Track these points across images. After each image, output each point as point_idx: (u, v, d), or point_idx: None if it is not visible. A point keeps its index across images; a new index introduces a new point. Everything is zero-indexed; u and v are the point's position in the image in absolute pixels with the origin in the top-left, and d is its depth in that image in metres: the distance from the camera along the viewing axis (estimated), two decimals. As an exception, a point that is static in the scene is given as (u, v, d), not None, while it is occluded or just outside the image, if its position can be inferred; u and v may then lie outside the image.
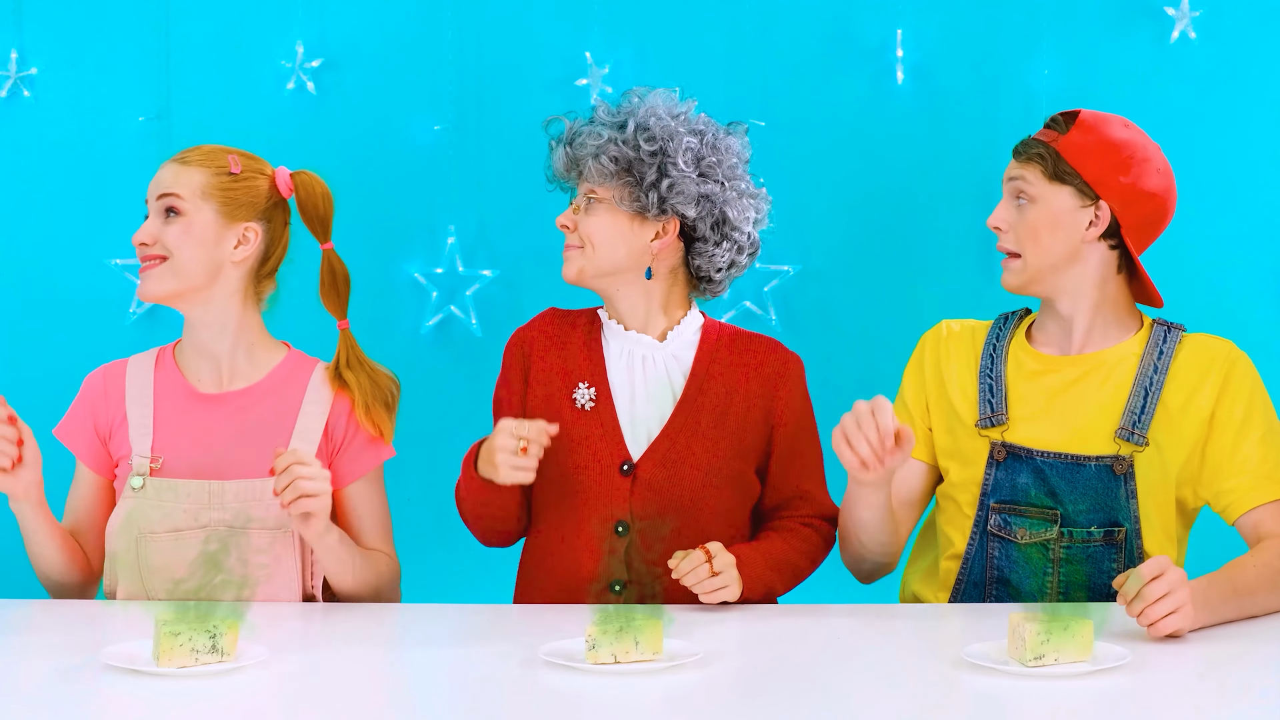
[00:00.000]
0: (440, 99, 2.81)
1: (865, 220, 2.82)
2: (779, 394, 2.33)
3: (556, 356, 2.34)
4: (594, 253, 2.30)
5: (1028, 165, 2.30)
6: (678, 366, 2.33)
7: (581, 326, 2.37)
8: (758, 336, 2.38)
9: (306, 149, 2.63)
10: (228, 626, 1.89)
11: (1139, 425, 2.25)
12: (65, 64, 2.82)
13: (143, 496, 2.24)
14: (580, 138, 2.29)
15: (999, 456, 2.28)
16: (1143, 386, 2.27)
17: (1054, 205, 2.28)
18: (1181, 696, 1.86)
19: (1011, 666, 1.89)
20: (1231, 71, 2.79)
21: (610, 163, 2.27)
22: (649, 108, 2.30)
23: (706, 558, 2.17)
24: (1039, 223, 2.29)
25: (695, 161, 2.29)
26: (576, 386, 2.30)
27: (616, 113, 2.31)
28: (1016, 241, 2.30)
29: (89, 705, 1.81)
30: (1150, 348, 2.30)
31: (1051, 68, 2.78)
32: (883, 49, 2.80)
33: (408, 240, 2.83)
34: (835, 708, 1.82)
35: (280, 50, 2.81)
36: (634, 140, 2.27)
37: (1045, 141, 2.30)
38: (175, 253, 2.26)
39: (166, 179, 2.28)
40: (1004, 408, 2.29)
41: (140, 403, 2.29)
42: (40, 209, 2.84)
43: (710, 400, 2.32)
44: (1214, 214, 2.81)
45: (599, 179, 2.28)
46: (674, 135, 2.28)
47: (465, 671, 1.96)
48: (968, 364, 2.35)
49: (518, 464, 2.16)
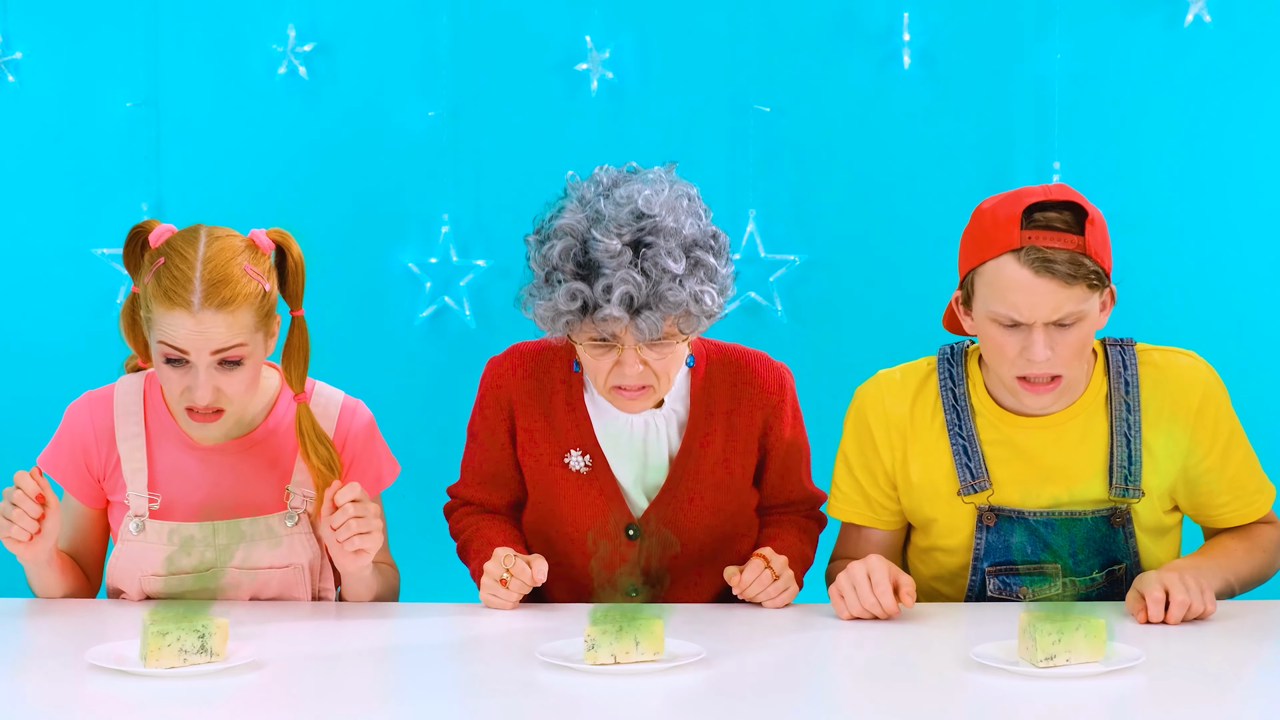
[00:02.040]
0: (435, 84, 2.80)
1: (872, 208, 2.81)
2: (775, 415, 2.29)
3: (539, 417, 2.27)
4: (670, 383, 2.21)
5: (1078, 288, 2.06)
6: (675, 419, 2.29)
7: (559, 379, 2.28)
8: (747, 355, 2.31)
9: (297, 136, 2.62)
10: (217, 627, 1.87)
11: (1131, 478, 2.19)
12: (51, 48, 2.81)
13: (143, 539, 2.21)
14: (663, 300, 2.10)
15: (988, 521, 2.22)
16: (1123, 435, 2.19)
17: (1094, 314, 2.11)
18: (1196, 697, 1.84)
19: (1022, 667, 1.87)
20: (1246, 55, 2.78)
21: (709, 305, 2.14)
22: (690, 221, 2.13)
23: (765, 564, 2.18)
24: (1086, 338, 2.10)
25: (722, 253, 2.19)
26: (568, 453, 2.25)
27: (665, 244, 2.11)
28: (1060, 365, 2.10)
29: (74, 708, 1.78)
30: (1114, 380, 2.20)
31: (1063, 51, 2.76)
32: (889, 33, 2.78)
33: (401, 229, 2.82)
34: (839, 709, 1.81)
35: (271, 34, 2.80)
36: (716, 269, 2.15)
37: (1074, 250, 2.07)
38: (235, 399, 2.14)
39: (220, 335, 2.07)
40: (984, 473, 2.20)
41: (130, 439, 2.22)
42: (25, 197, 2.83)
43: (711, 443, 2.27)
44: (1227, 198, 2.81)
45: (700, 326, 2.16)
46: (708, 247, 2.16)
47: (463, 673, 1.95)
48: (931, 427, 2.22)
49: (496, 592, 2.18)
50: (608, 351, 2.14)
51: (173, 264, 2.10)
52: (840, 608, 2.12)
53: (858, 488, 2.28)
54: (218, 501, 2.21)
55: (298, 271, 2.19)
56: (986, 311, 2.11)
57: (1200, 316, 2.58)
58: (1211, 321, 2.79)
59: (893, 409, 2.23)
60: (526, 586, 2.18)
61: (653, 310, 2.09)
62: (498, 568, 2.17)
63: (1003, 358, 2.11)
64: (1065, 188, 2.14)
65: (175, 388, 2.11)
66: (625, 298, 2.08)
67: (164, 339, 2.09)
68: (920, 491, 2.23)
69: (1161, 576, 2.08)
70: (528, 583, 2.17)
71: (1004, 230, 2.08)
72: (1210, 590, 2.10)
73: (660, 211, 2.10)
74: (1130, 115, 2.78)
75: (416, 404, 2.78)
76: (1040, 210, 2.09)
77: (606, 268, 2.08)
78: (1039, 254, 2.05)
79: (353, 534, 2.12)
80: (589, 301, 2.09)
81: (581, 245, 2.10)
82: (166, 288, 2.08)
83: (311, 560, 2.24)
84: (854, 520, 2.30)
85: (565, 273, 2.11)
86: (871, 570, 2.09)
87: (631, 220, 2.10)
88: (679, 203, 2.13)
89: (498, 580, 2.17)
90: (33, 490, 2.10)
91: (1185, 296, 2.80)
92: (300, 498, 2.23)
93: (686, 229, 2.12)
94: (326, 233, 2.44)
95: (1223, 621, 2.11)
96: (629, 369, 2.14)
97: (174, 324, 2.07)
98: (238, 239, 2.13)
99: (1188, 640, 2.02)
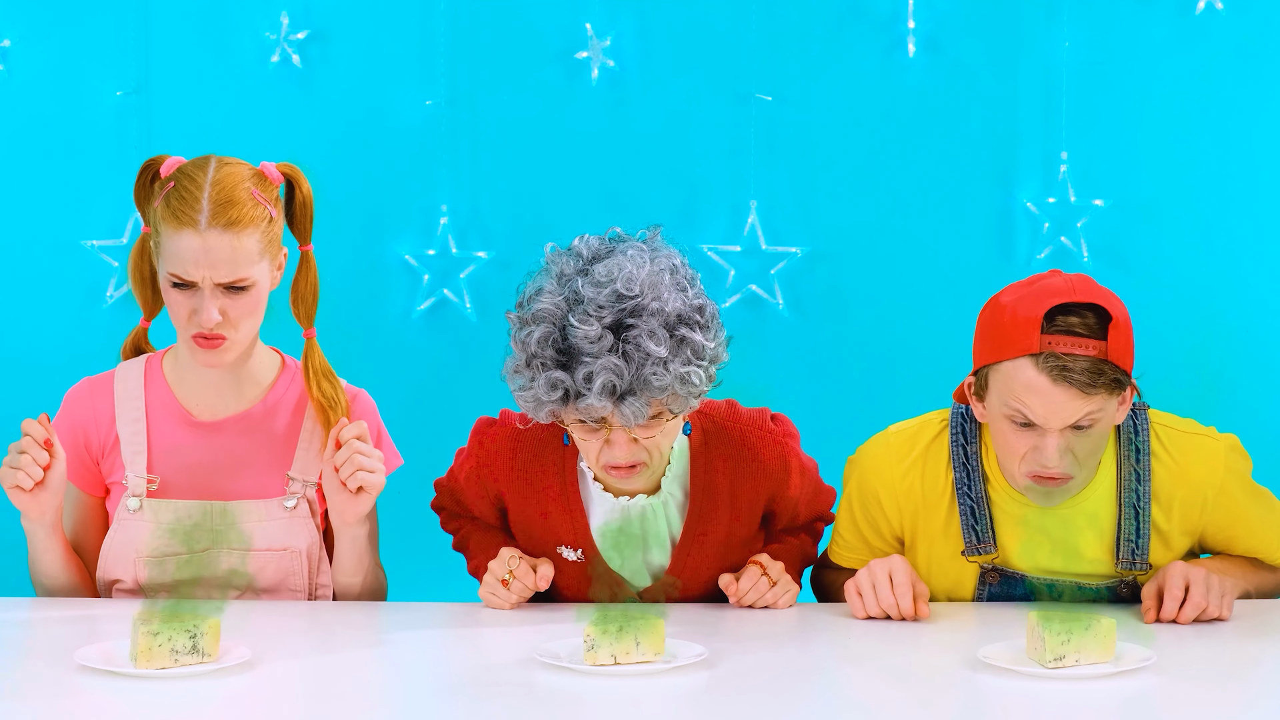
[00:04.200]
0: (432, 73, 2.79)
1: (876, 199, 2.80)
2: (781, 490, 2.23)
3: (530, 509, 2.22)
4: (663, 458, 2.15)
5: (1097, 396, 2.02)
6: (673, 503, 2.23)
7: (552, 470, 2.21)
8: (746, 431, 2.23)
9: (291, 125, 2.62)
10: (209, 626, 1.85)
11: (1139, 553, 2.16)
12: (40, 36, 2.80)
13: (139, 519, 2.21)
14: (640, 386, 2.04)
15: (991, 580, 2.20)
16: (1131, 507, 2.15)
17: (1110, 413, 2.07)
18: (1207, 699, 1.83)
19: (1030, 668, 1.86)
20: (1257, 43, 2.77)
21: (697, 384, 2.08)
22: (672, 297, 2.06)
23: (761, 571, 2.17)
24: (1103, 439, 2.08)
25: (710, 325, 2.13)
26: (560, 545, 2.22)
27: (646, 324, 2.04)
28: (1074, 464, 2.07)
29: (63, 709, 1.76)
30: (1124, 447, 2.16)
31: (1072, 39, 2.75)
32: (894, 20, 2.77)
33: (398, 221, 2.81)
34: (842, 710, 1.80)
35: (264, 21, 2.79)
36: (703, 345, 2.08)
37: (1095, 357, 2.01)
38: (241, 326, 2.16)
39: (224, 255, 2.12)
40: (990, 537, 2.16)
41: (131, 422, 2.23)
42: (14, 187, 2.82)
43: (715, 526, 2.22)
44: (1235, 188, 2.79)
45: (690, 405, 2.10)
46: (707, 311, 2.11)
47: (461, 674, 1.94)
48: (938, 491, 2.18)
49: (496, 591, 2.16)
50: (596, 432, 2.08)
51: (181, 186, 2.15)
52: (857, 605, 2.10)
53: (861, 540, 2.25)
54: (217, 483, 2.22)
55: (306, 206, 2.23)
56: (1001, 409, 2.07)
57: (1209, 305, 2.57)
58: (1221, 309, 2.78)
59: (901, 480, 2.19)
60: (528, 591, 2.16)
61: (636, 396, 2.03)
62: (501, 568, 2.16)
63: (1014, 455, 2.08)
64: (1089, 282, 2.08)
65: (183, 312, 2.14)
66: (607, 386, 2.01)
67: (171, 265, 2.13)
68: (923, 547, 2.21)
69: (1187, 573, 2.06)
70: (530, 587, 2.15)
71: (1023, 332, 2.03)
72: (1231, 596, 2.08)
73: (641, 290, 2.03)
74: (1139, 104, 2.77)
75: (415, 398, 2.77)
76: (1063, 313, 2.03)
77: (587, 355, 2.01)
78: (1058, 361, 2.01)
79: (356, 469, 2.13)
80: (570, 390, 2.03)
81: (560, 332, 2.04)
82: (175, 208, 2.13)
83: (309, 546, 2.23)
84: (855, 566, 2.26)
85: (545, 360, 2.04)
86: (894, 570, 2.08)
87: (611, 302, 2.03)
88: (661, 278, 2.05)
89: (499, 580, 2.15)
90: (40, 435, 2.12)
91: (1193, 285, 2.79)
92: (301, 483, 2.23)
93: (669, 306, 2.04)
94: (321, 224, 2.41)
95: (1234, 621, 2.10)
96: (619, 450, 2.08)
97: (181, 244, 2.12)
98: (247, 167, 2.18)
99: (1199, 640, 2.01)
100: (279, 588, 2.24)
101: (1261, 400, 2.75)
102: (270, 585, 2.23)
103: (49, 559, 2.21)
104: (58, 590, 2.24)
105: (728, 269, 2.79)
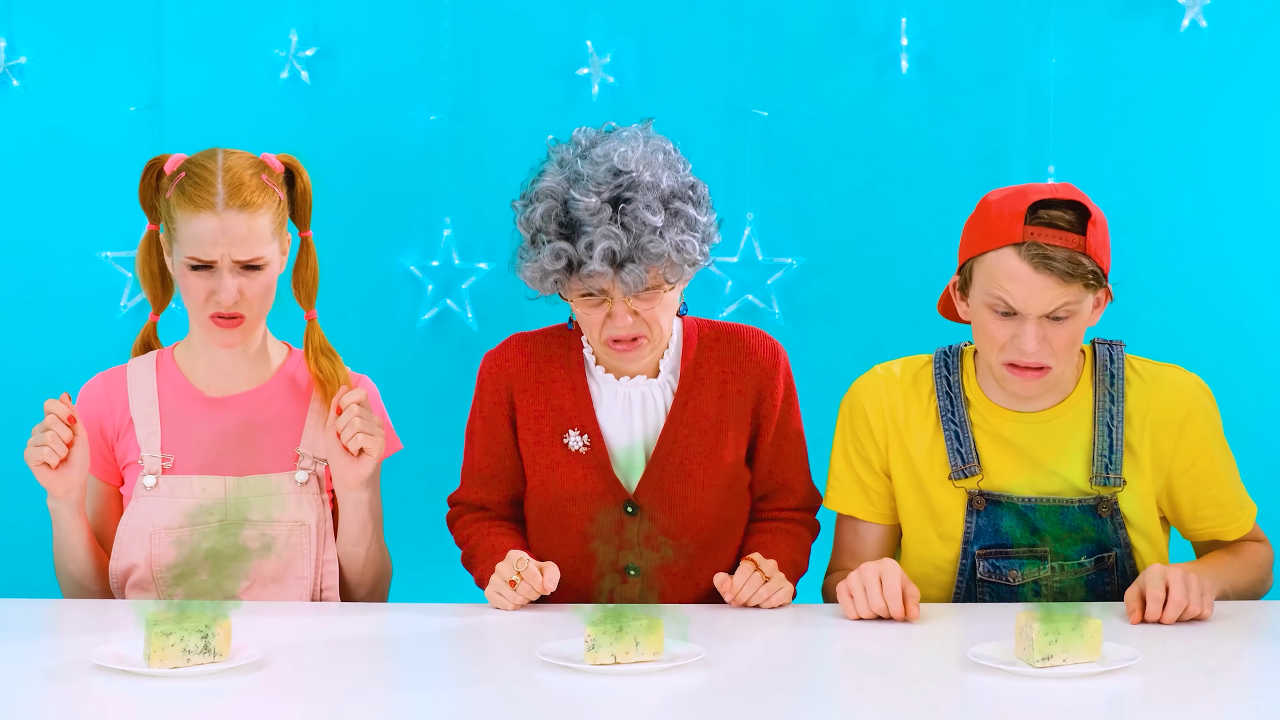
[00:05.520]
0: (437, 88, 2.79)
1: (870, 212, 2.81)
2: (768, 387, 2.32)
3: (539, 399, 2.31)
4: (663, 333, 2.25)
5: (1074, 286, 2.11)
6: (670, 389, 2.31)
7: (558, 360, 2.32)
8: (740, 328, 2.36)
9: (300, 139, 2.62)
10: (220, 626, 1.87)
11: (1112, 468, 2.22)
12: (55, 52, 2.80)
13: (156, 495, 2.25)
14: (644, 251, 2.15)
15: (978, 505, 2.25)
16: (1105, 425, 2.23)
17: (1086, 310, 2.16)
18: (1192, 697, 1.85)
19: (1019, 667, 1.88)
20: (1242, 60, 2.77)
21: (701, 255, 2.21)
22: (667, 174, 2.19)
23: (754, 568, 2.19)
24: (1077, 333, 2.15)
25: (701, 202, 2.24)
26: (566, 432, 2.28)
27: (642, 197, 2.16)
28: (1050, 356, 2.15)
29: (78, 707, 1.79)
30: (1100, 374, 2.24)
31: (1059, 56, 2.76)
32: (887, 38, 2.78)
33: (403, 233, 2.82)
34: (837, 709, 1.81)
35: (273, 39, 2.79)
36: (696, 219, 2.20)
37: (1074, 249, 2.11)
38: (255, 305, 2.23)
39: (241, 233, 2.19)
40: (975, 458, 2.24)
41: (144, 404, 2.28)
42: (30, 201, 2.82)
43: (702, 410, 2.29)
44: (1224, 206, 2.80)
45: (684, 274, 2.21)
46: (699, 188, 2.23)
47: (463, 673, 1.95)
48: (926, 415, 2.27)
49: (503, 590, 2.19)
50: (598, 306, 2.20)
51: (194, 174, 2.22)
52: (849, 607, 2.13)
53: (855, 477, 2.30)
54: (230, 459, 2.26)
55: (306, 194, 2.31)
56: (983, 298, 2.16)
57: (1192, 321, 2.58)
58: (1203, 326, 2.78)
59: (886, 398, 2.28)
60: (534, 592, 2.19)
61: (635, 263, 2.16)
62: (509, 569, 2.19)
63: (993, 343, 2.16)
64: (1071, 187, 2.19)
65: (200, 294, 2.21)
66: (608, 253, 2.14)
67: (190, 248, 2.19)
68: (909, 474, 2.26)
69: (1166, 573, 2.10)
70: (536, 589, 2.18)
71: (1008, 224, 2.13)
72: (1211, 594, 2.12)
73: (636, 167, 2.17)
74: (1125, 120, 2.77)
75: (418, 406, 2.77)
76: (1045, 208, 2.13)
77: (588, 225, 2.15)
78: (1039, 250, 2.11)
79: (356, 432, 2.19)
80: (573, 259, 2.16)
81: (563, 206, 2.17)
82: (190, 194, 2.20)
83: (318, 521, 2.27)
84: (851, 512, 2.32)
85: (549, 234, 2.18)
86: (884, 573, 2.12)
87: (609, 177, 2.17)
88: (655, 157, 2.19)
89: (507, 580, 2.19)
90: (64, 413, 2.17)
91: (1178, 301, 2.79)
92: (310, 459, 2.28)
93: (664, 182, 2.18)
94: (328, 236, 2.43)
95: (1218, 621, 2.11)
96: (620, 321, 2.19)
97: (199, 227, 2.19)
98: (251, 156, 2.26)
99: (1183, 640, 2.03)
100: (286, 574, 2.27)
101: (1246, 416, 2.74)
102: (278, 567, 2.26)
103: (74, 540, 2.23)
104: (81, 576, 2.26)
105: (725, 279, 2.81)
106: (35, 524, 2.41)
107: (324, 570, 2.29)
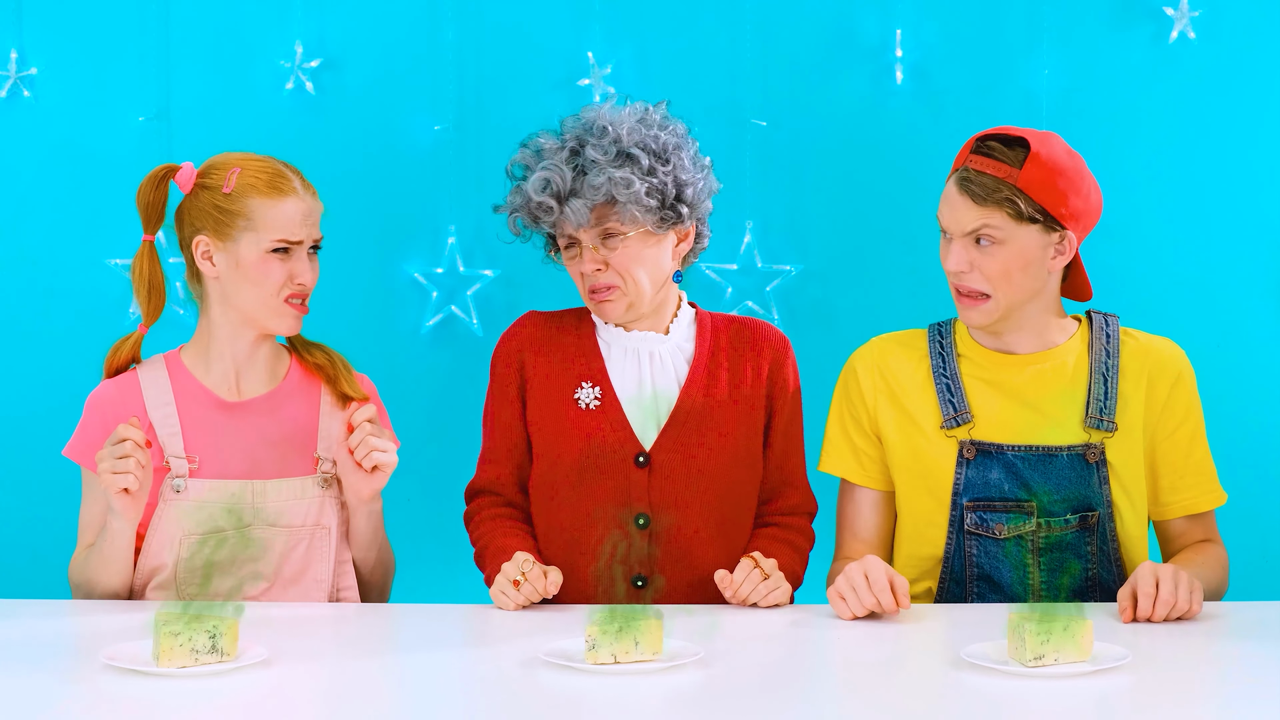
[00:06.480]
0: (440, 99, 2.81)
1: (866, 220, 2.82)
2: (779, 374, 2.37)
3: (551, 360, 2.35)
4: (637, 286, 2.30)
5: (993, 210, 2.21)
6: (681, 355, 2.35)
7: (570, 327, 2.37)
8: (750, 320, 2.42)
9: (305, 149, 2.62)
10: (227, 626, 1.89)
11: (1106, 411, 2.28)
12: (65, 64, 2.81)
13: (185, 499, 2.25)
14: (588, 186, 2.25)
15: (968, 455, 2.29)
16: (1101, 374, 2.30)
17: (1024, 244, 2.23)
18: (1182, 696, 1.86)
19: (1011, 666, 1.89)
20: (1230, 72, 2.79)
21: (648, 198, 2.26)
22: (631, 128, 2.28)
23: (754, 565, 2.21)
24: (1011, 264, 2.24)
25: (692, 163, 2.30)
26: (579, 386, 2.31)
27: (599, 141, 2.26)
28: (984, 283, 2.24)
29: (88, 706, 1.80)
30: (1096, 335, 2.32)
31: (1050, 67, 2.77)
32: (882, 49, 2.79)
33: (408, 240, 2.82)
34: (834, 709, 1.82)
35: (279, 50, 2.80)
36: (654, 168, 2.26)
37: (1001, 179, 2.22)
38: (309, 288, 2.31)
39: (317, 216, 2.30)
40: (966, 406, 2.29)
41: (162, 406, 2.28)
42: (40, 209, 2.83)
43: (718, 382, 2.34)
44: (1212, 214, 2.81)
45: (635, 217, 2.26)
46: (669, 146, 2.29)
47: (465, 672, 1.96)
48: (916, 370, 2.33)
49: (506, 590, 2.21)
50: (576, 258, 2.29)
51: (250, 169, 2.27)
52: (841, 609, 2.16)
53: (847, 440, 2.35)
54: (251, 462, 2.27)
55: None
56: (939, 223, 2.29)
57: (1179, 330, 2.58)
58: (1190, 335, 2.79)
59: (879, 359, 2.36)
60: (537, 594, 2.21)
61: (578, 197, 2.24)
62: (514, 569, 2.21)
63: (945, 268, 2.28)
64: (1048, 133, 2.27)
65: (280, 277, 2.26)
66: (543, 182, 2.24)
67: (277, 232, 2.24)
68: (903, 428, 2.31)
69: (1156, 571, 2.13)
70: (539, 591, 2.20)
71: (961, 155, 2.27)
72: (1200, 593, 2.14)
73: (604, 118, 2.27)
74: (1115, 130, 2.79)
75: (423, 410, 2.79)
76: (991, 140, 2.25)
77: (542, 163, 2.27)
78: (965, 173, 2.24)
79: (370, 450, 2.22)
80: (525, 194, 2.27)
81: (535, 152, 2.29)
82: (270, 181, 2.25)
83: (336, 524, 2.29)
84: (842, 474, 2.37)
85: (517, 179, 2.31)
86: (869, 570, 2.14)
87: (577, 125, 2.29)
88: (630, 114, 2.29)
89: (511, 581, 2.21)
90: (140, 437, 2.16)
91: (1168, 308, 2.80)
92: (329, 462, 2.30)
93: (626, 133, 2.27)
94: (334, 243, 2.45)
95: (1208, 621, 2.13)
96: (587, 266, 2.28)
97: (286, 210, 2.25)
98: None
99: (1174, 640, 2.04)
100: (304, 575, 2.28)
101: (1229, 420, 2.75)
102: (297, 570, 2.27)
103: (123, 556, 2.23)
104: (119, 588, 2.25)
105: (725, 286, 2.82)
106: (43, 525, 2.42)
107: (340, 571, 2.31)
